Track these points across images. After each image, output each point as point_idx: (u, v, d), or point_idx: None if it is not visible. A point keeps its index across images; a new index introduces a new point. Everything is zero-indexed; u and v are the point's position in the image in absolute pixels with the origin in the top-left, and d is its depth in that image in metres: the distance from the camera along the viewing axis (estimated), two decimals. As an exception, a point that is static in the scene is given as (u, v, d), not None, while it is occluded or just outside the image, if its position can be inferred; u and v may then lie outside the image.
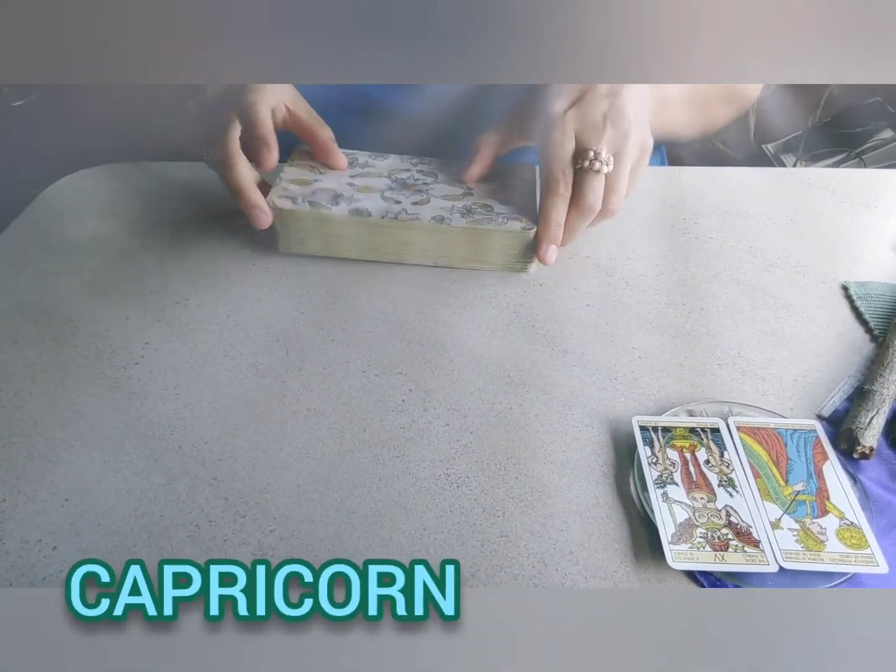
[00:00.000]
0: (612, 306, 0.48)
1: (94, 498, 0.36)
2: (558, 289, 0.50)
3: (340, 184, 0.52)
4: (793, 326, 0.47)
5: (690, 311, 0.48)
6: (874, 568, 0.32)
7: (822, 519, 0.34)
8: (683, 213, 0.58)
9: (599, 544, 0.34)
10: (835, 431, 0.39)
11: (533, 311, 0.48)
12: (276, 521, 0.35)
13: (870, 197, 0.61)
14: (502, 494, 0.36)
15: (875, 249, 0.54)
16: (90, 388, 0.41)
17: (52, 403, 0.40)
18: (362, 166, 0.54)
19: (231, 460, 0.38)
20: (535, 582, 0.32)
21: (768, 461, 0.37)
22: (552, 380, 0.43)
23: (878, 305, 0.48)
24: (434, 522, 0.35)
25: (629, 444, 0.38)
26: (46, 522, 0.34)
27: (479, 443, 0.39)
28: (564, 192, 0.47)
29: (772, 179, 0.64)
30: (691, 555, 0.32)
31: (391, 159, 0.56)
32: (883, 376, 0.41)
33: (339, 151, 0.54)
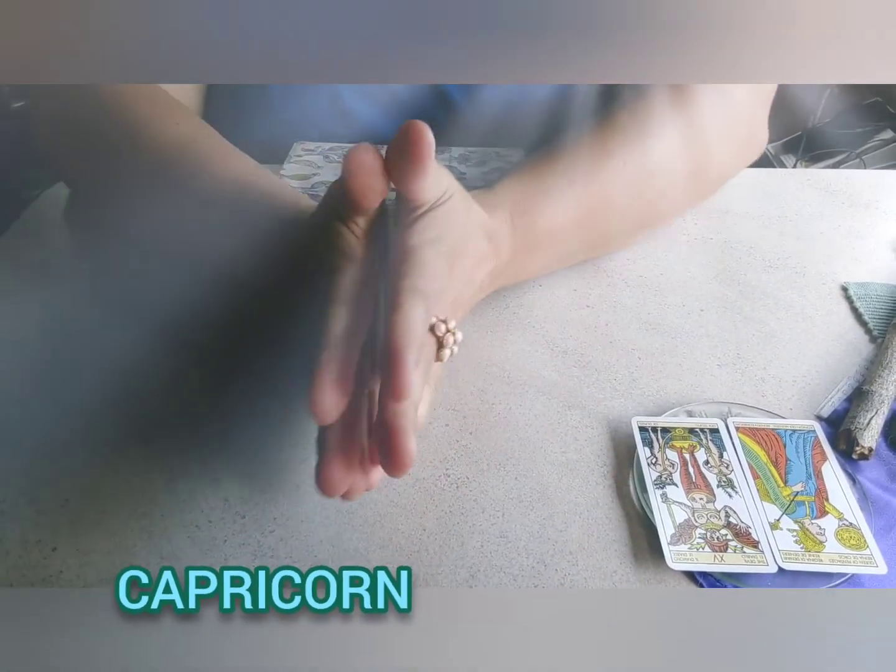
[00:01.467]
0: (611, 307, 0.48)
1: (94, 498, 0.36)
2: (558, 289, 0.50)
3: (338, 176, 0.53)
4: (792, 327, 0.47)
5: (690, 312, 0.48)
6: (873, 568, 0.32)
7: (821, 519, 0.34)
8: (683, 214, 0.58)
9: (599, 545, 0.34)
10: (834, 432, 0.39)
11: (533, 311, 0.48)
12: (276, 521, 0.35)
13: (870, 198, 0.61)
14: (502, 495, 0.36)
15: (875, 250, 0.54)
16: (90, 389, 0.41)
17: (54, 403, 0.40)
18: None
19: (231, 460, 0.38)
20: (534, 582, 0.32)
21: (767, 462, 0.37)
22: (552, 380, 0.43)
23: (877, 306, 0.48)
24: (434, 523, 0.35)
25: (628, 444, 0.39)
26: (46, 522, 0.35)
27: (478, 443, 0.39)
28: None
29: (772, 180, 0.64)
30: (690, 555, 0.32)
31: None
32: (882, 377, 0.41)
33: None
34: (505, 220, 0.42)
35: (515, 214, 0.42)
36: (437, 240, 0.35)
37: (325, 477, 0.28)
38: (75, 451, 0.38)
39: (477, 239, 0.39)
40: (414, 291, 0.31)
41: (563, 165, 0.45)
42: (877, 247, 0.55)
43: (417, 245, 0.34)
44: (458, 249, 0.36)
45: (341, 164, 0.34)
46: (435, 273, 0.33)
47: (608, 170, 0.46)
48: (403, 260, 0.33)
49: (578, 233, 0.46)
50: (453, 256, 0.36)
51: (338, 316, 0.31)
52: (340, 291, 0.32)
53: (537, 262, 0.47)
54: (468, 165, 0.56)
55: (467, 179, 0.54)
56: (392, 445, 0.27)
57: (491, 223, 0.41)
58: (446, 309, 0.35)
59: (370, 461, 0.30)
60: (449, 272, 0.35)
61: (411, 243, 0.34)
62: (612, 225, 0.49)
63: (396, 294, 0.31)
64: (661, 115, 0.48)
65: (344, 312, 0.31)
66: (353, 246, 0.35)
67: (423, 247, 0.34)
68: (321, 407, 0.28)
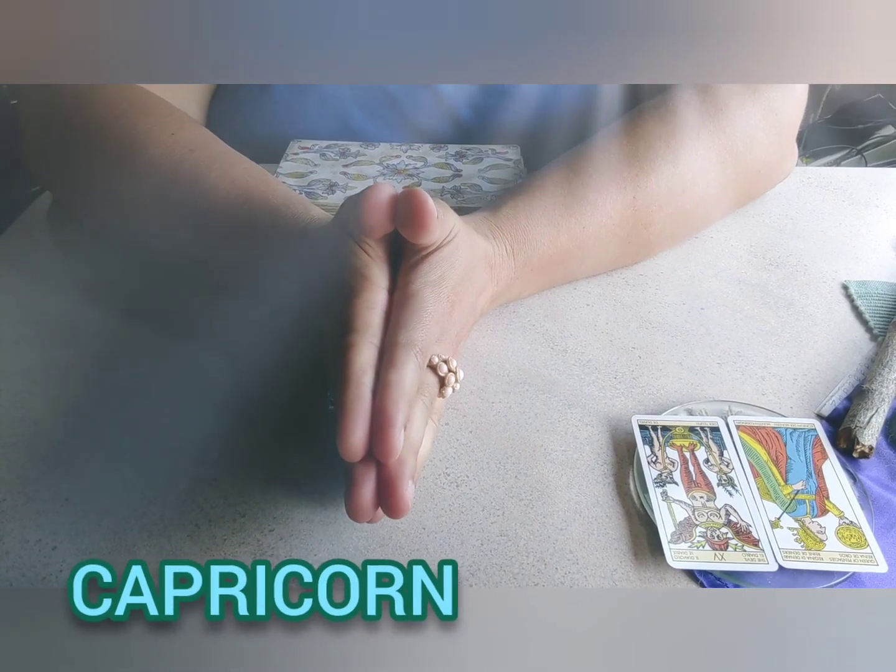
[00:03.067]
0: (611, 305, 0.48)
1: (94, 498, 0.36)
2: (557, 288, 0.50)
3: (335, 173, 0.54)
4: (793, 325, 0.47)
5: (690, 311, 0.48)
6: (874, 567, 0.32)
7: (821, 518, 0.34)
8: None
9: (599, 543, 0.34)
10: (834, 430, 0.39)
11: (532, 310, 0.48)
12: (276, 520, 0.35)
13: (870, 195, 0.61)
14: (502, 493, 0.36)
15: (876, 248, 0.54)
16: (90, 389, 0.41)
17: (52, 403, 0.40)
18: (355, 155, 0.56)
19: (231, 460, 0.38)
20: (534, 581, 0.32)
21: (768, 460, 0.37)
22: (552, 379, 0.43)
23: (878, 304, 0.48)
24: (433, 521, 0.35)
25: (629, 443, 0.38)
26: (46, 522, 0.35)
27: (478, 442, 0.39)
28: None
29: (772, 178, 0.63)
30: (691, 554, 0.32)
31: (382, 147, 0.58)
32: (882, 375, 0.41)
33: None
34: (506, 248, 0.43)
35: (516, 243, 0.43)
36: (439, 281, 0.36)
37: (354, 507, 0.29)
38: (75, 451, 0.38)
39: (479, 270, 0.40)
40: (409, 346, 0.32)
41: (570, 188, 0.46)
42: (878, 245, 0.55)
43: (419, 288, 0.35)
44: (460, 288, 0.37)
45: (359, 199, 0.35)
46: (435, 318, 0.34)
47: (624, 189, 0.46)
48: (404, 304, 0.34)
49: (582, 258, 0.47)
50: (455, 296, 0.37)
51: (358, 346, 0.32)
52: (359, 319, 0.33)
53: (538, 285, 0.48)
54: (464, 162, 0.56)
55: (463, 176, 0.54)
56: (389, 496, 0.29)
57: (492, 253, 0.42)
58: (448, 348, 0.36)
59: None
60: (450, 313, 0.36)
61: (413, 287, 0.35)
62: (619, 247, 0.49)
63: (393, 347, 0.32)
64: (693, 128, 0.49)
65: (363, 342, 0.32)
66: (367, 265, 0.36)
67: (425, 289, 0.35)
68: (352, 450, 0.29)
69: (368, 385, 0.31)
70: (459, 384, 0.35)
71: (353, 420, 0.29)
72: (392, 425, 0.29)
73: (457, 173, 0.55)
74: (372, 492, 0.29)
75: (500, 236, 0.43)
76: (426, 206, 0.34)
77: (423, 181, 0.53)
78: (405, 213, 0.34)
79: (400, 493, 0.29)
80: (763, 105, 0.51)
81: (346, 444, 0.29)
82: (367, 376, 0.31)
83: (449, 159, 0.56)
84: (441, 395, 0.35)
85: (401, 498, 0.29)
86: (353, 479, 0.29)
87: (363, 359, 0.32)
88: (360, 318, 0.33)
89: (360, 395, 0.30)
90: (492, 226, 0.43)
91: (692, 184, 0.49)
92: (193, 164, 0.44)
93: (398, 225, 0.35)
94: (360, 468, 0.30)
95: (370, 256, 0.36)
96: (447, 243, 0.37)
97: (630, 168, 0.47)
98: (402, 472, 0.29)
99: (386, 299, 0.35)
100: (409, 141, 0.58)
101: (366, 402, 0.30)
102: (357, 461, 0.29)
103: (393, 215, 0.35)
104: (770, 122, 0.52)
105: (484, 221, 0.43)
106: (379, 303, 0.35)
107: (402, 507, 0.29)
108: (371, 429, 0.29)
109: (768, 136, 0.53)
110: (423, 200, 0.34)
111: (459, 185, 0.53)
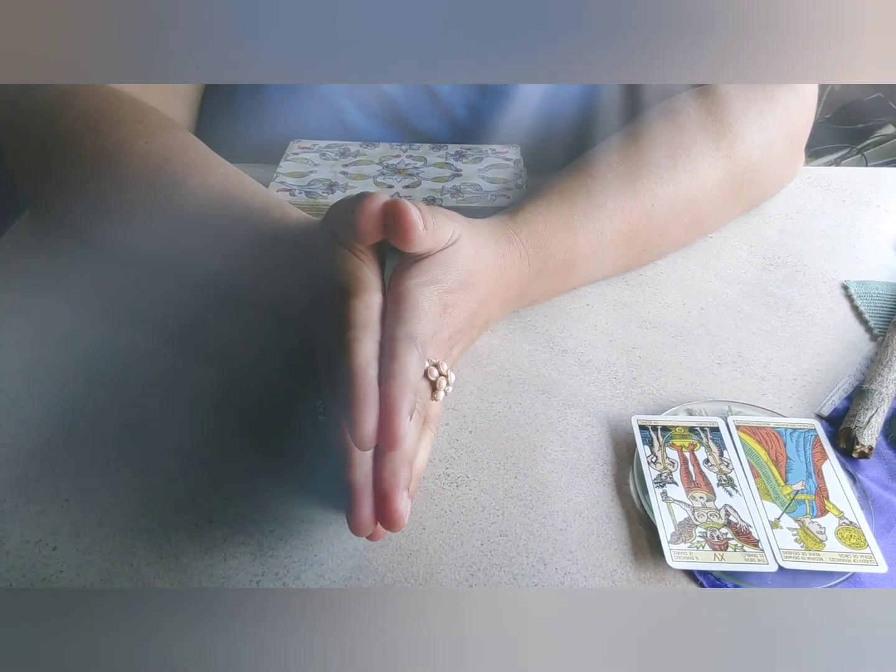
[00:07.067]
0: (611, 305, 0.48)
1: (94, 498, 0.36)
2: (558, 288, 0.50)
3: (335, 173, 0.54)
4: (792, 325, 0.47)
5: (690, 311, 0.48)
6: (873, 567, 0.32)
7: (821, 518, 0.34)
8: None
9: (599, 543, 0.34)
10: (834, 431, 0.39)
11: (532, 310, 0.48)
12: (276, 521, 0.35)
13: (870, 195, 0.61)
14: (501, 494, 0.36)
15: (875, 248, 0.54)
16: (90, 388, 0.41)
17: (52, 403, 0.40)
18: (354, 155, 0.56)
19: (231, 460, 0.38)
20: (534, 581, 0.32)
21: (767, 460, 0.37)
22: (551, 379, 0.43)
23: (878, 304, 0.48)
24: (433, 522, 0.35)
25: (628, 443, 0.38)
26: (46, 522, 0.35)
27: (478, 442, 0.39)
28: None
29: (772, 177, 0.63)
30: (690, 554, 0.32)
31: (382, 147, 0.58)
32: (882, 375, 0.41)
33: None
34: (520, 254, 0.43)
35: (532, 248, 0.43)
36: (431, 282, 0.36)
37: (356, 522, 0.30)
38: (75, 451, 0.38)
39: (484, 277, 0.40)
40: (409, 339, 0.33)
41: (589, 194, 0.46)
42: (877, 245, 0.55)
43: (410, 287, 0.35)
44: (456, 292, 0.38)
45: (352, 207, 0.35)
46: (426, 316, 0.35)
47: (642, 197, 0.46)
48: (398, 302, 0.35)
49: (598, 264, 0.47)
50: (448, 299, 0.37)
51: (361, 340, 0.32)
52: (359, 317, 0.34)
53: (554, 290, 0.48)
54: (464, 162, 0.56)
55: (463, 176, 0.54)
56: (384, 508, 0.30)
57: (504, 259, 0.42)
58: (439, 351, 0.36)
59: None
60: (441, 315, 0.36)
61: (403, 287, 0.36)
62: (635, 254, 0.49)
63: (393, 341, 0.33)
64: (713, 138, 0.49)
65: (365, 337, 0.33)
66: (360, 268, 0.36)
67: (416, 289, 0.35)
68: (366, 438, 0.29)
69: (374, 376, 0.31)
70: (451, 387, 0.35)
71: (365, 409, 0.29)
72: (398, 412, 0.29)
73: (457, 173, 0.55)
74: (371, 506, 0.30)
75: (516, 241, 0.43)
76: (408, 219, 0.34)
77: (423, 181, 0.53)
78: (391, 224, 0.34)
79: (395, 505, 0.29)
80: (780, 115, 0.52)
81: (359, 433, 0.29)
82: (372, 368, 0.31)
83: (449, 159, 0.56)
84: (434, 399, 0.35)
85: (395, 511, 0.29)
86: (352, 495, 0.30)
87: (367, 351, 0.32)
88: (360, 316, 0.34)
89: (367, 384, 0.30)
90: (508, 230, 0.43)
91: (709, 193, 0.49)
92: (169, 174, 0.44)
93: (387, 235, 0.35)
94: (359, 483, 0.30)
95: (362, 260, 0.37)
96: (445, 248, 0.37)
97: (649, 176, 0.47)
98: (395, 485, 0.30)
99: (381, 300, 0.36)
100: (407, 142, 0.59)
101: (374, 391, 0.30)
102: (369, 449, 0.30)
103: (384, 225, 0.35)
104: (785, 132, 0.53)
105: (501, 226, 0.43)
106: (375, 303, 0.35)
107: (398, 519, 0.29)
108: (378, 419, 0.29)
109: (783, 146, 0.53)
110: (405, 213, 0.34)
111: (459, 184, 0.53)
